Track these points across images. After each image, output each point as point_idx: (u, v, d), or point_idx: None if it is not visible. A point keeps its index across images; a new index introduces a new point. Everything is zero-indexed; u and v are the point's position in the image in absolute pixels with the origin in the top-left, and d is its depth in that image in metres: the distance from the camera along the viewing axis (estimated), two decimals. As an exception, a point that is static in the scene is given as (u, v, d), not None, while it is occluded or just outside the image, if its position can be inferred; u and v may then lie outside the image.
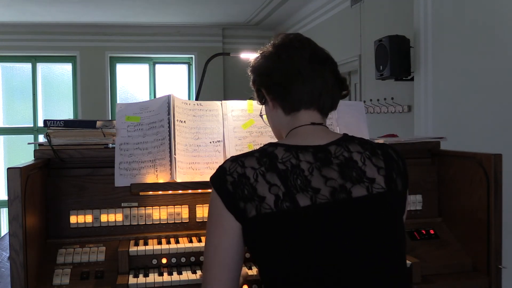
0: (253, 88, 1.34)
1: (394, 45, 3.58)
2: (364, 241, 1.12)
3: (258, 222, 1.10)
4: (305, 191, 1.11)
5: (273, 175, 1.12)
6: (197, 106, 1.86)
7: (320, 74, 1.23)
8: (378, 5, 4.46)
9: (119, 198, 1.74)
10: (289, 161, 1.14)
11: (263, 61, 1.30)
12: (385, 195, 1.15)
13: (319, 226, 1.10)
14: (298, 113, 1.24)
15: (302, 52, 1.24)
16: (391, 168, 1.18)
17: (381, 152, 1.20)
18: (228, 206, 1.13)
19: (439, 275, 1.70)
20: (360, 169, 1.15)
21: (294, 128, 1.25)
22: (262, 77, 1.29)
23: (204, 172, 1.78)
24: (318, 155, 1.16)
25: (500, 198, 1.68)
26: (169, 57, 7.48)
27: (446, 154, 1.93)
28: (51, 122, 1.76)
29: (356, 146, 1.19)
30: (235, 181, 1.13)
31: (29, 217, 1.47)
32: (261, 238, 1.12)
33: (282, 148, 1.17)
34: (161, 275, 1.57)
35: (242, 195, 1.11)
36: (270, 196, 1.10)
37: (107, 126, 1.80)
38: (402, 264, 1.18)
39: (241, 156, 1.17)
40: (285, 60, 1.24)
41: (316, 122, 1.24)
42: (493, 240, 1.68)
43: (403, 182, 1.20)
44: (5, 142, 7.16)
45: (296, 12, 6.36)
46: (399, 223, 1.19)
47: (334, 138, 1.21)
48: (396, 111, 4.01)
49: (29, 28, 6.83)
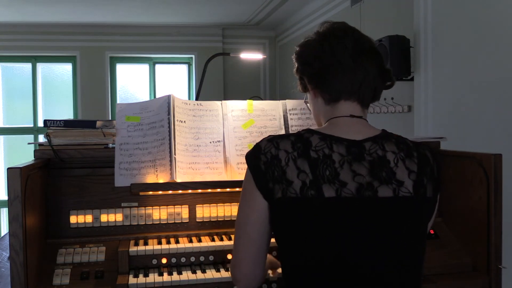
0: (296, 76, 1.35)
1: (394, 45, 3.58)
2: (382, 241, 1.12)
3: (283, 204, 1.13)
4: (332, 182, 1.12)
5: (304, 161, 1.13)
6: (197, 106, 1.86)
7: (361, 65, 1.22)
8: (378, 5, 4.46)
9: (119, 198, 1.74)
10: (322, 150, 1.15)
11: (305, 50, 1.29)
12: (410, 200, 1.14)
13: (341, 219, 1.11)
14: (337, 103, 1.24)
15: (344, 42, 1.23)
16: (423, 173, 1.17)
17: (417, 155, 1.19)
18: (258, 184, 1.16)
19: (439, 275, 1.70)
20: (391, 170, 1.15)
21: (333, 118, 1.25)
22: (304, 66, 1.29)
23: (204, 172, 1.78)
24: (352, 149, 1.16)
25: (500, 198, 1.68)
26: (169, 57, 7.47)
27: (446, 154, 1.93)
28: (51, 122, 1.76)
29: (392, 146, 1.18)
30: (267, 161, 1.15)
31: (29, 217, 1.48)
32: (283, 221, 1.15)
33: (318, 136, 1.17)
34: (161, 275, 1.57)
35: (272, 175, 1.14)
36: (297, 182, 1.12)
37: (107, 126, 1.80)
38: (417, 269, 1.19)
39: (277, 137, 1.19)
40: (326, 50, 1.23)
41: (355, 115, 1.24)
42: (493, 240, 1.68)
43: (434, 187, 1.19)
44: (5, 142, 7.16)
45: (296, 12, 6.36)
46: (421, 229, 1.18)
47: (371, 134, 1.21)
48: (396, 111, 4.01)
49: (29, 28, 6.83)
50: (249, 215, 1.19)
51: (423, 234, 1.19)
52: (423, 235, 1.19)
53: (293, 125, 1.91)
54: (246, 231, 1.20)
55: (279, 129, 1.90)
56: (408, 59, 3.58)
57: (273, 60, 7.45)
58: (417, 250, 1.18)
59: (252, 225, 1.19)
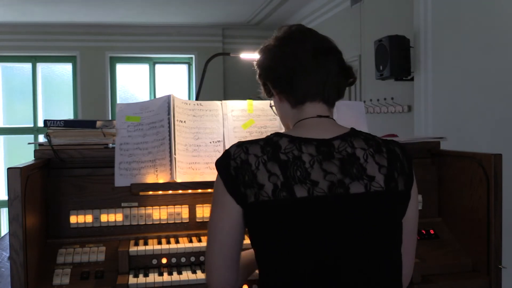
0: (260, 82, 1.36)
1: (394, 45, 3.58)
2: (357, 237, 1.13)
3: (256, 208, 1.13)
4: (303, 182, 1.12)
5: (274, 164, 1.13)
6: (197, 106, 1.86)
7: (323, 65, 1.23)
8: (378, 5, 4.46)
9: (119, 198, 1.74)
10: (291, 152, 1.15)
11: (266, 55, 1.30)
12: (382, 194, 1.15)
13: (314, 218, 1.12)
14: (303, 105, 1.25)
15: (304, 44, 1.24)
16: (394, 168, 1.18)
17: (386, 150, 1.20)
18: (230, 189, 1.16)
19: (439, 275, 1.70)
20: (361, 166, 1.16)
21: (300, 120, 1.26)
22: (266, 71, 1.30)
23: (204, 172, 1.78)
24: (321, 148, 1.17)
25: (500, 198, 1.68)
26: (169, 57, 7.47)
27: (446, 154, 1.93)
28: (51, 122, 1.76)
29: (361, 142, 1.19)
30: (237, 166, 1.15)
31: (29, 217, 1.47)
32: (258, 224, 1.15)
33: (287, 139, 1.18)
34: (161, 275, 1.57)
35: (243, 180, 1.14)
36: (268, 185, 1.12)
37: (107, 126, 1.80)
38: (394, 263, 1.19)
39: (246, 142, 1.19)
40: (287, 53, 1.24)
41: (322, 115, 1.25)
42: (493, 240, 1.68)
43: (406, 182, 1.20)
44: (5, 142, 7.16)
45: (296, 12, 6.36)
46: (396, 223, 1.19)
47: (340, 133, 1.21)
48: (396, 111, 4.01)
49: (29, 28, 6.83)
50: (221, 221, 1.19)
51: (397, 228, 1.20)
52: (398, 229, 1.20)
53: (293, 125, 1.91)
54: (218, 236, 1.20)
55: (279, 129, 1.90)
56: (408, 59, 3.58)
57: (273, 60, 7.43)
58: (392, 244, 1.18)
59: (224, 231, 1.19)
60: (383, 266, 1.15)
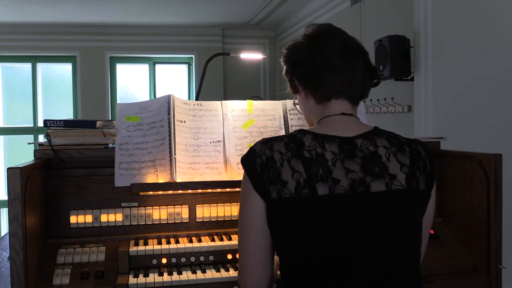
0: (286, 78, 1.37)
1: (394, 45, 3.58)
2: (378, 235, 1.14)
3: (278, 205, 1.15)
4: (325, 180, 1.14)
5: (298, 161, 1.16)
6: (197, 106, 1.86)
7: (350, 64, 1.25)
8: (378, 5, 4.46)
9: (119, 198, 1.74)
10: (314, 150, 1.17)
11: (294, 51, 1.32)
12: (404, 193, 1.16)
13: (335, 215, 1.13)
14: (328, 102, 1.27)
15: (333, 43, 1.27)
16: (416, 166, 1.19)
17: (409, 149, 1.21)
18: (256, 186, 1.18)
19: (439, 275, 1.70)
20: (383, 164, 1.17)
21: (324, 117, 1.27)
22: (294, 67, 1.32)
23: (204, 172, 1.78)
24: (344, 146, 1.18)
25: (500, 198, 1.68)
26: (169, 57, 7.48)
27: (446, 154, 1.93)
28: (51, 122, 1.76)
29: (384, 141, 1.21)
30: (263, 163, 1.17)
31: (29, 217, 1.47)
32: (280, 221, 1.16)
33: (310, 136, 1.20)
34: (161, 275, 1.57)
35: (268, 176, 1.16)
36: (292, 182, 1.14)
37: (107, 126, 1.80)
38: (414, 262, 1.20)
39: (271, 139, 1.21)
40: (316, 51, 1.26)
41: (346, 113, 1.27)
42: (493, 240, 1.68)
43: (427, 181, 1.21)
44: (5, 142, 7.16)
45: (296, 12, 6.36)
46: (416, 222, 1.20)
47: (362, 131, 1.23)
48: (396, 111, 4.01)
49: (29, 28, 6.83)
50: (250, 220, 1.20)
51: (418, 227, 1.21)
52: (418, 228, 1.21)
53: (293, 125, 1.91)
54: (250, 234, 1.21)
55: (279, 129, 1.90)
56: (408, 59, 3.58)
57: (273, 60, 7.45)
58: (412, 243, 1.19)
59: (255, 230, 1.20)
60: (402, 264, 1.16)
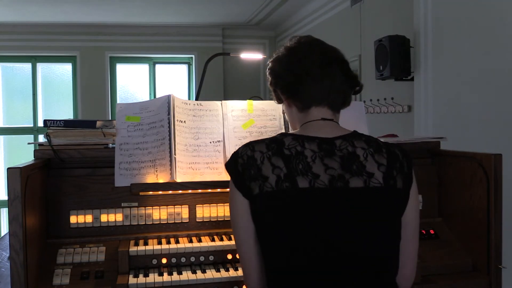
0: (271, 89, 1.44)
1: (394, 45, 3.58)
2: (356, 230, 1.18)
3: (260, 199, 1.20)
4: (305, 175, 1.19)
5: (278, 159, 1.22)
6: (197, 106, 1.86)
7: (328, 74, 1.31)
8: (378, 5, 4.46)
9: (119, 198, 1.74)
10: (294, 148, 1.23)
11: (277, 64, 1.39)
12: (381, 190, 1.21)
13: (315, 209, 1.18)
14: (309, 109, 1.33)
15: (312, 55, 1.33)
16: (393, 167, 1.24)
17: (386, 151, 1.27)
18: (237, 185, 1.25)
19: (439, 275, 1.70)
20: (361, 163, 1.23)
21: (306, 122, 1.34)
22: (276, 79, 1.39)
23: (204, 172, 1.78)
24: (323, 146, 1.24)
25: (500, 198, 1.68)
26: (169, 57, 7.48)
27: (446, 154, 1.93)
28: (51, 122, 1.76)
29: (362, 143, 1.27)
30: (244, 162, 1.24)
31: (29, 217, 1.47)
32: (262, 214, 1.22)
33: (291, 137, 1.27)
34: (161, 275, 1.57)
35: (249, 174, 1.22)
36: (272, 177, 1.20)
37: (107, 126, 1.80)
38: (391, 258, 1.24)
39: (253, 141, 1.29)
40: (295, 63, 1.33)
41: (326, 118, 1.33)
42: (493, 240, 1.68)
43: (404, 181, 1.25)
44: (5, 142, 7.16)
45: (296, 12, 6.36)
46: (393, 221, 1.24)
47: (342, 133, 1.29)
48: (396, 111, 4.01)
49: (29, 28, 6.82)
50: (237, 218, 1.27)
51: (396, 224, 1.25)
52: (396, 225, 1.25)
53: (293, 125, 1.91)
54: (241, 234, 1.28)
55: (279, 129, 1.90)
56: (408, 59, 3.57)
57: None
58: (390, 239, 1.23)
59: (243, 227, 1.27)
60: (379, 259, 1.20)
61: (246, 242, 1.27)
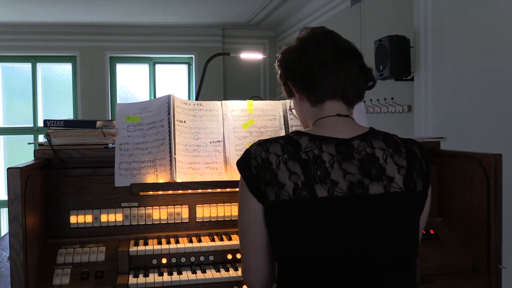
0: (280, 82, 1.38)
1: (394, 45, 3.58)
2: (376, 238, 1.14)
3: (276, 207, 1.15)
4: (323, 182, 1.13)
5: (295, 163, 1.15)
6: (197, 106, 1.86)
7: (343, 66, 1.24)
8: (378, 5, 4.46)
9: (119, 198, 1.74)
10: (311, 151, 1.17)
11: (288, 55, 1.32)
12: (401, 196, 1.16)
13: (334, 217, 1.13)
14: (323, 104, 1.27)
15: (325, 44, 1.26)
16: (413, 168, 1.20)
17: (405, 150, 1.22)
18: (251, 188, 1.18)
19: (439, 275, 1.70)
20: (381, 167, 1.17)
21: (320, 118, 1.27)
22: (288, 70, 1.32)
23: (204, 172, 1.78)
24: (341, 148, 1.18)
25: (500, 198, 1.68)
26: (169, 57, 7.48)
27: (446, 154, 1.93)
28: (51, 122, 1.76)
29: (380, 143, 1.21)
30: (258, 165, 1.16)
31: (29, 217, 1.47)
32: (278, 222, 1.16)
33: (307, 138, 1.19)
34: (161, 275, 1.57)
35: (264, 178, 1.15)
36: (289, 184, 1.13)
37: (107, 126, 1.80)
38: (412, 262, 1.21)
39: (267, 141, 1.21)
40: (309, 53, 1.26)
41: (342, 114, 1.26)
42: (493, 240, 1.68)
43: (423, 182, 1.21)
44: (5, 142, 7.16)
45: (296, 12, 6.36)
46: (413, 223, 1.21)
47: (359, 132, 1.23)
48: (396, 111, 4.01)
49: (29, 28, 6.83)
50: (248, 221, 1.21)
51: (415, 228, 1.22)
52: (415, 230, 1.22)
53: (293, 125, 1.91)
54: (249, 237, 1.22)
55: (279, 129, 1.90)
56: (408, 59, 3.58)
57: (273, 60, 7.41)
58: (410, 243, 1.20)
59: (253, 231, 1.21)
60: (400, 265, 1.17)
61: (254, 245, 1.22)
